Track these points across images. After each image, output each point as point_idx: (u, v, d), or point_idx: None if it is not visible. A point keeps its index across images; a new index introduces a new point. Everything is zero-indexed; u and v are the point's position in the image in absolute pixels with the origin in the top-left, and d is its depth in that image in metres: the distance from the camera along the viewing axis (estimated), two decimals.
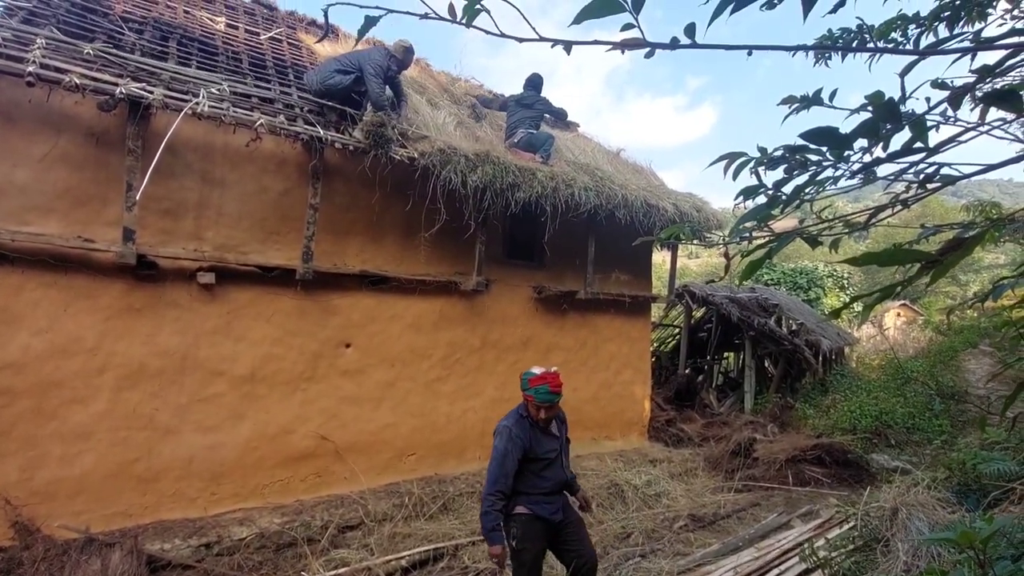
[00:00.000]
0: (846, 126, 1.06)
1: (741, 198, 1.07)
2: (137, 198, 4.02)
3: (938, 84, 1.02)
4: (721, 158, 1.11)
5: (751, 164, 1.08)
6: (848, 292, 24.46)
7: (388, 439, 5.50)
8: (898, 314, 27.35)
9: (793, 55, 2.20)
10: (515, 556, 3.02)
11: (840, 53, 1.93)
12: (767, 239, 1.02)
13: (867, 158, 1.04)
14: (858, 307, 25.59)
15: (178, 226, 4.49)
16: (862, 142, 1.07)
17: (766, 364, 11.28)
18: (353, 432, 5.28)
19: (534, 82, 6.57)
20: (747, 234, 1.06)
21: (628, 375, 7.64)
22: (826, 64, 2.23)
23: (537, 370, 3.11)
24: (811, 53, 2.21)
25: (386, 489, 5.26)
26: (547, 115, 6.67)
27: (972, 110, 1.29)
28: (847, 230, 1.68)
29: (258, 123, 4.31)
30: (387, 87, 5.16)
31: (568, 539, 3.17)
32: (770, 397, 9.46)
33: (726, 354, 12.46)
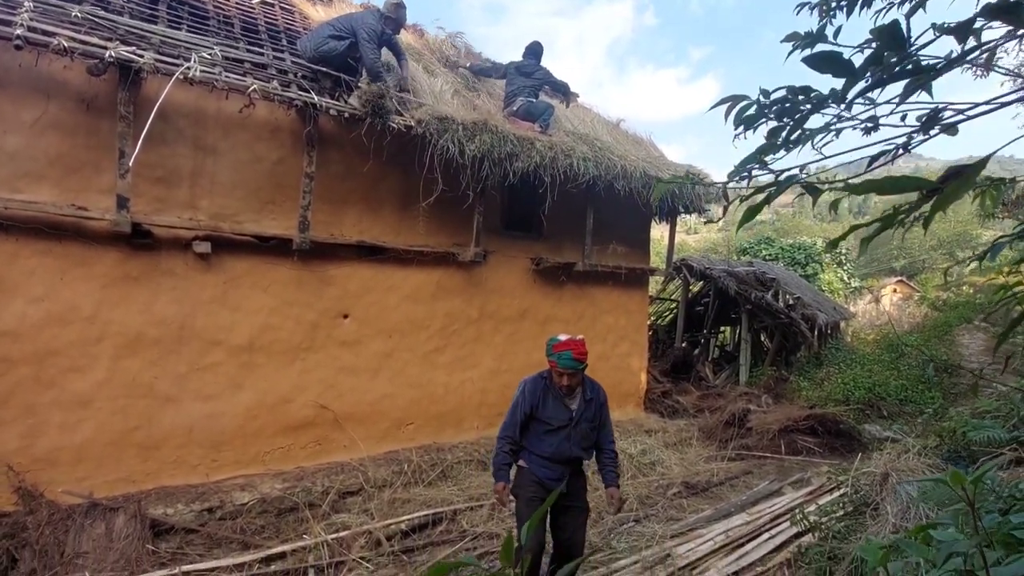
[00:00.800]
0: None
1: (741, 127, 1.04)
2: (130, 165, 3.96)
3: (940, 27, 0.99)
4: (722, 101, 1.09)
5: (753, 107, 1.05)
6: (846, 268, 24.53)
7: (386, 409, 5.56)
8: (894, 290, 27.49)
9: (797, 13, 2.15)
10: (515, 503, 3.15)
11: (845, 9, 1.89)
12: (766, 185, 1.01)
13: (871, 107, 1.02)
14: (855, 283, 25.71)
15: (172, 194, 4.44)
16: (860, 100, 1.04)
17: (762, 338, 11.36)
18: (352, 401, 5.33)
19: (534, 50, 6.43)
20: (746, 173, 1.04)
21: (625, 347, 7.69)
22: (831, 23, 2.17)
23: (563, 336, 3.10)
24: (815, 12, 2.16)
25: (385, 457, 5.33)
26: (547, 86, 6.53)
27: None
28: (846, 191, 1.67)
29: (251, 89, 4.23)
30: (383, 50, 5.04)
31: (566, 522, 3.16)
32: (765, 370, 9.56)
33: (722, 328, 12.54)
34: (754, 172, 1.07)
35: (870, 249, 34.95)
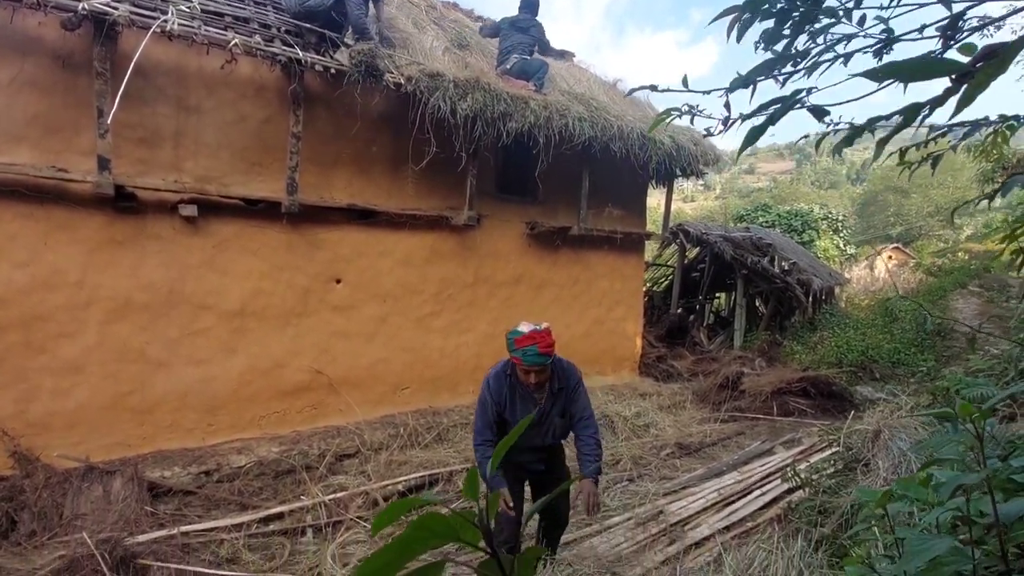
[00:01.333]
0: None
1: (744, 12, 0.97)
2: (109, 123, 3.83)
3: None
4: (726, 12, 1.00)
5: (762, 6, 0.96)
6: (842, 235, 24.49)
7: (381, 373, 5.56)
8: (890, 256, 27.51)
9: None
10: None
11: None
12: (769, 102, 0.94)
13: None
14: (851, 250, 25.70)
15: (155, 156, 4.31)
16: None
17: (757, 303, 11.39)
18: (346, 366, 5.32)
19: (530, 3, 6.16)
20: (752, 82, 0.97)
21: (621, 312, 7.68)
22: None
23: (524, 328, 2.63)
24: None
25: (381, 421, 5.36)
26: (539, 46, 6.28)
27: None
28: (858, 132, 1.59)
29: (232, 43, 4.05)
30: (370, 4, 4.83)
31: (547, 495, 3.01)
32: (759, 335, 9.61)
33: (718, 294, 12.56)
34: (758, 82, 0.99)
35: (867, 216, 34.86)
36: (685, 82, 1.13)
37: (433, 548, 0.52)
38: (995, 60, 0.64)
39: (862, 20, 0.97)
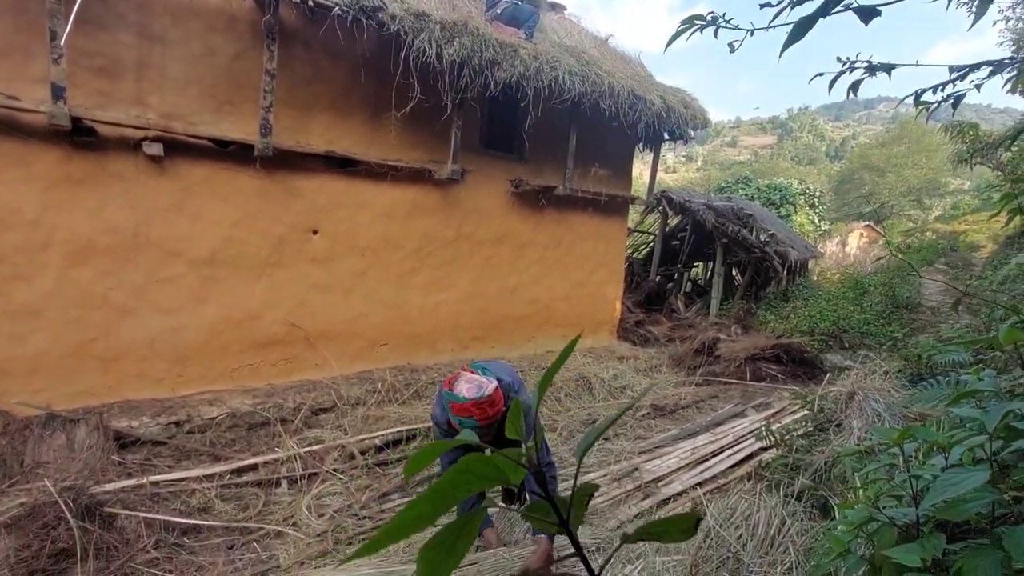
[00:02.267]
0: None
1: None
2: (63, 47, 3.51)
3: None
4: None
5: None
6: (817, 211, 24.87)
7: (359, 329, 5.45)
8: (861, 234, 28.11)
9: None
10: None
11: None
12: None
13: None
14: (825, 226, 26.19)
15: (116, 88, 4.00)
16: None
17: (734, 273, 11.54)
18: (323, 320, 5.19)
19: None
20: None
21: (602, 275, 7.67)
22: None
23: (466, 391, 2.14)
24: None
25: (358, 376, 5.29)
26: None
27: None
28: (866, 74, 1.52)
29: None
30: None
31: None
32: (735, 303, 9.76)
33: (696, 263, 12.67)
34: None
35: (843, 192, 35.41)
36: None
37: (472, 492, 0.49)
38: None
39: None
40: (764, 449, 4.12)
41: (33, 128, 3.71)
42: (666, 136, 7.36)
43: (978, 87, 1.31)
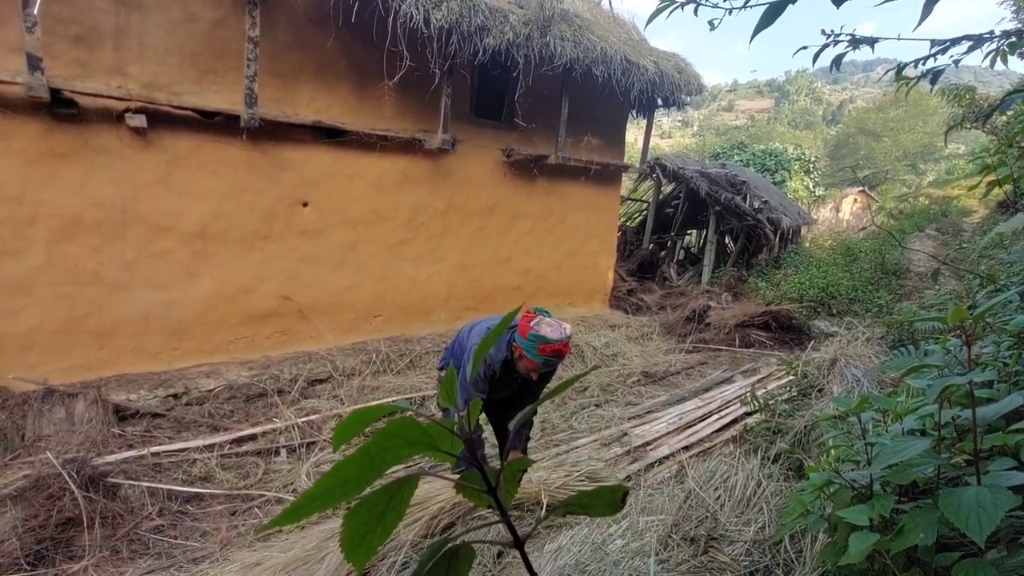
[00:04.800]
0: None
1: None
2: (36, 15, 3.41)
3: None
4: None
5: None
6: (812, 177, 24.77)
7: (352, 301, 5.48)
8: (855, 200, 28.10)
9: None
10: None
11: None
12: None
13: None
14: (820, 191, 26.16)
15: (95, 57, 3.90)
16: None
17: (727, 241, 11.58)
18: (316, 293, 5.21)
19: None
20: None
21: (594, 245, 7.69)
22: None
23: (551, 333, 2.38)
24: None
25: (353, 347, 5.35)
26: None
27: None
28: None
29: None
30: None
31: (506, 413, 2.98)
32: (727, 271, 9.83)
33: (689, 232, 12.69)
34: None
35: (838, 158, 35.22)
36: None
37: (403, 460, 0.45)
38: None
39: None
40: (749, 414, 4.24)
41: (10, 101, 3.63)
42: (660, 102, 7.27)
43: (956, 63, 1.32)
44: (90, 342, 4.17)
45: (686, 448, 4.05)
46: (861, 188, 29.45)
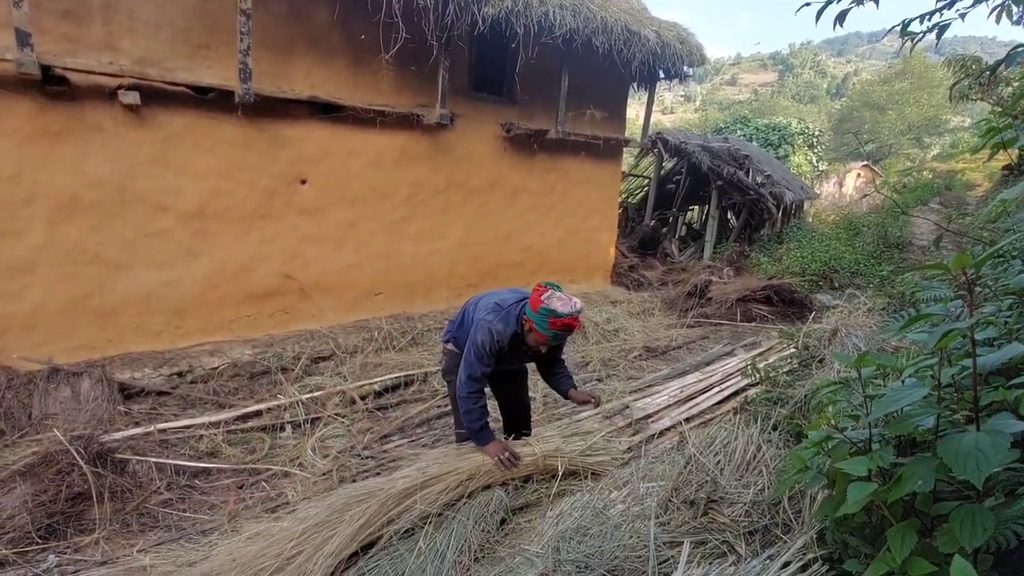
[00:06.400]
0: None
1: None
2: None
3: None
4: None
5: None
6: (816, 151, 24.49)
7: (353, 279, 5.48)
8: (858, 175, 27.83)
9: None
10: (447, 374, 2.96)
11: None
12: None
13: None
14: (823, 166, 25.91)
15: (84, 33, 3.83)
16: None
17: (729, 216, 11.50)
18: (317, 271, 5.21)
19: None
20: None
21: (595, 221, 7.64)
22: None
23: (561, 307, 2.41)
24: None
25: (355, 325, 5.37)
26: None
27: None
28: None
29: None
30: None
31: (510, 388, 3.07)
32: (729, 245, 9.79)
33: (691, 207, 12.60)
34: None
35: (842, 132, 34.78)
36: None
37: None
38: None
39: None
40: (750, 386, 4.26)
41: (1, 78, 3.58)
42: (661, 75, 7.14)
43: (963, 16, 1.29)
44: (93, 321, 4.19)
45: (688, 420, 4.08)
46: (865, 163, 29.14)
